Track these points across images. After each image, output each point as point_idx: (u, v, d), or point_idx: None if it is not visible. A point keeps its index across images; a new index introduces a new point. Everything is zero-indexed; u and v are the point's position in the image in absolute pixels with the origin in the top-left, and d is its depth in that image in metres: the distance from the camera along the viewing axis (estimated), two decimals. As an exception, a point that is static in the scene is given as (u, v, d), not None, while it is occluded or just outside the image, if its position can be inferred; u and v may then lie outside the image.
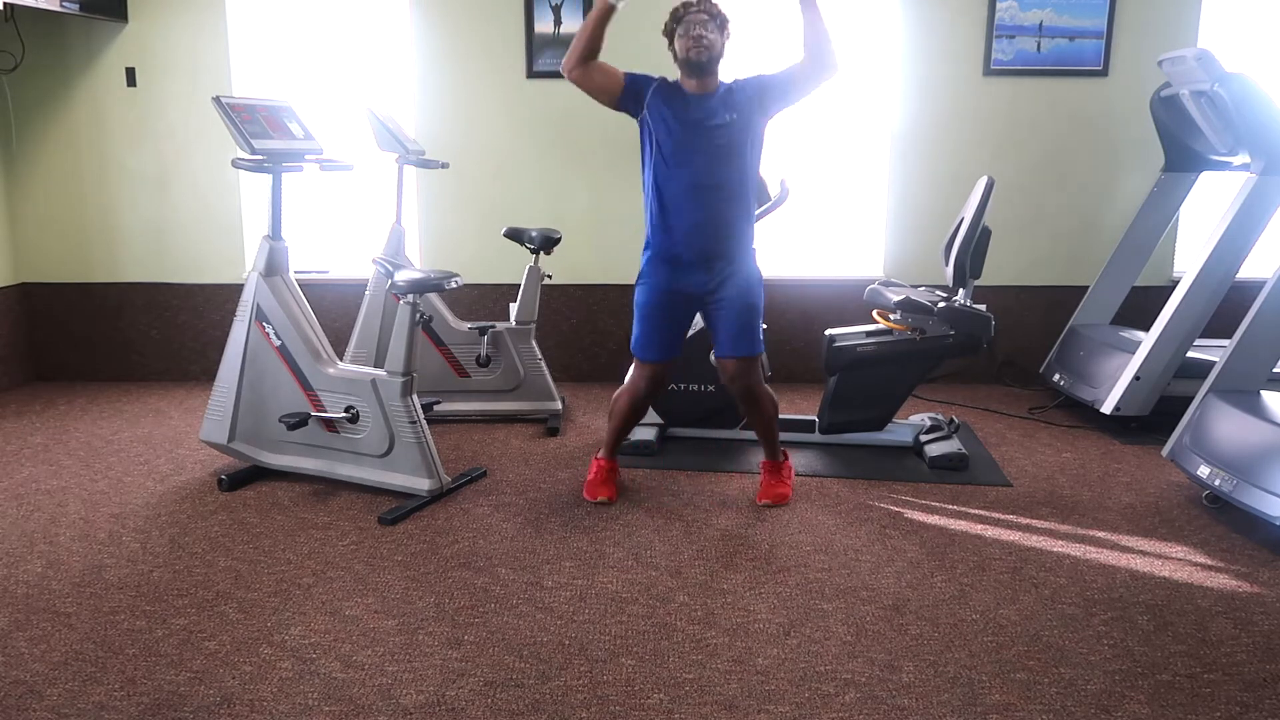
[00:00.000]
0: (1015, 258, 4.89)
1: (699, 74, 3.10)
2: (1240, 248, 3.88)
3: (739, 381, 3.26)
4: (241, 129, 3.34)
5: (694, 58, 3.06)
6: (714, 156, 3.10)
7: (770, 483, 3.40)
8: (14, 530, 3.14)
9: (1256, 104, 3.72)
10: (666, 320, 3.26)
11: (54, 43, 4.87)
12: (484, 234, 4.86)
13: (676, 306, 3.25)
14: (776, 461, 3.44)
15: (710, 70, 3.11)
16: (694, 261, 3.17)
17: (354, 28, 4.99)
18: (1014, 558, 2.94)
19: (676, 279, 3.20)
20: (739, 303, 3.19)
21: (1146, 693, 2.22)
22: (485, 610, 2.59)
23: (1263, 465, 3.02)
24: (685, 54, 3.07)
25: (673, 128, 3.10)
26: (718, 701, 2.18)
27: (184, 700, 2.17)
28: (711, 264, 3.18)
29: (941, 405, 4.62)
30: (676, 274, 3.20)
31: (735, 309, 3.19)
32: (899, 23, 4.77)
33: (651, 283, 3.24)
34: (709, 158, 3.10)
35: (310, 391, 3.48)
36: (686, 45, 3.06)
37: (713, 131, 3.09)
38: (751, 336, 3.22)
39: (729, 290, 3.18)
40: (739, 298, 3.19)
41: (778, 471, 3.43)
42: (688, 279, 3.19)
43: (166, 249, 5.08)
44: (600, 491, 3.38)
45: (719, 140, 3.09)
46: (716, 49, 3.08)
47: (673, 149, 3.10)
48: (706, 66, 3.09)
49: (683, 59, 3.09)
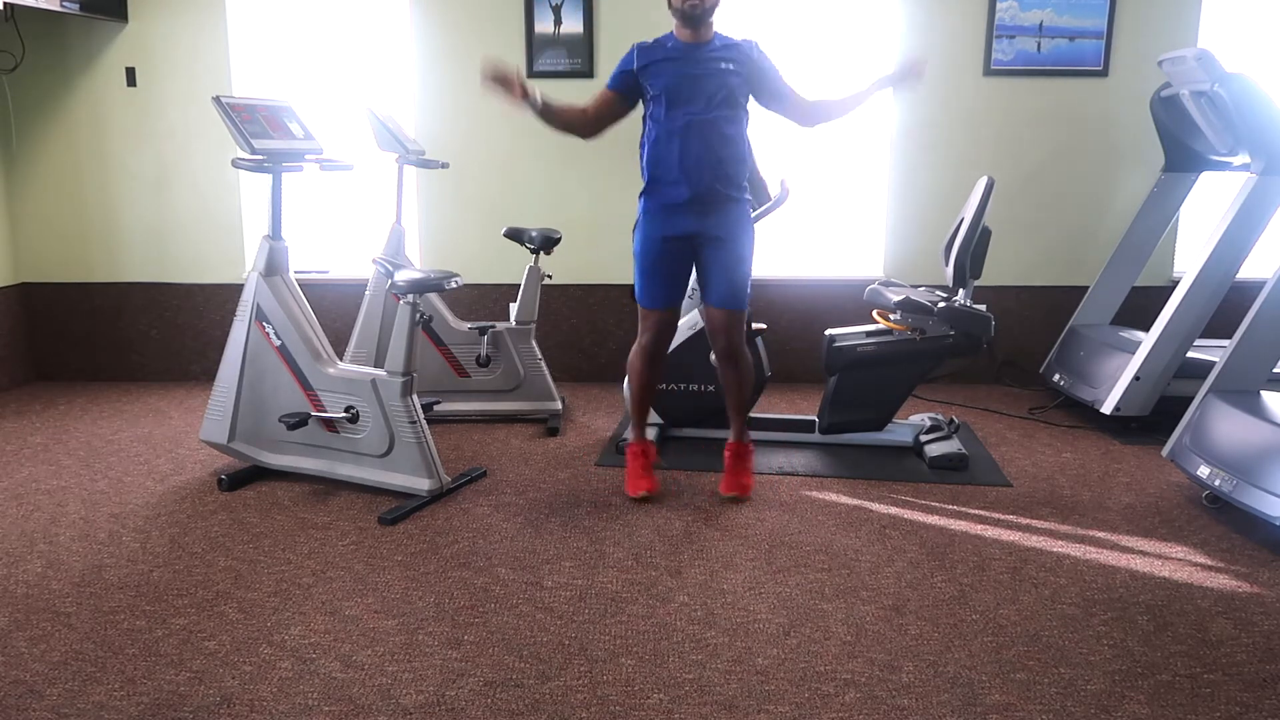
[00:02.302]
0: (1015, 258, 4.89)
1: (693, 25, 3.16)
2: (1240, 248, 3.88)
3: (724, 335, 3.30)
4: (241, 129, 3.34)
5: (689, 10, 3.12)
6: (706, 98, 3.15)
7: (735, 471, 3.40)
8: (14, 530, 3.14)
9: (1256, 104, 3.71)
10: (664, 266, 3.30)
11: (54, 43, 4.87)
12: (484, 234, 4.86)
13: (672, 253, 3.27)
14: (743, 444, 3.43)
15: (705, 21, 3.17)
16: (686, 202, 3.20)
17: (354, 28, 4.99)
18: (1014, 558, 2.94)
19: (670, 224, 3.24)
20: (731, 254, 3.24)
21: (1146, 693, 2.22)
22: (485, 610, 2.59)
23: (1263, 465, 3.02)
24: (681, 5, 3.13)
25: (665, 74, 3.17)
26: (718, 701, 2.18)
27: (184, 700, 2.17)
28: (704, 205, 3.21)
29: (941, 405, 4.62)
30: (670, 218, 3.24)
31: (726, 259, 3.24)
32: (899, 23, 4.77)
33: (646, 230, 3.29)
34: (701, 99, 3.15)
35: (310, 391, 3.48)
36: None
37: (706, 77, 3.16)
38: (740, 290, 3.28)
39: (721, 238, 3.23)
40: (731, 249, 3.24)
41: (743, 458, 3.42)
42: (681, 222, 3.23)
43: (166, 249, 5.08)
44: (641, 485, 3.38)
45: (712, 85, 3.15)
46: (711, 1, 3.14)
47: (664, 91, 3.17)
48: (701, 18, 3.15)
49: (678, 9, 3.15)
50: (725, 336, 3.30)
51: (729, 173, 3.21)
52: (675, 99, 3.16)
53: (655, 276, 3.30)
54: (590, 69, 4.78)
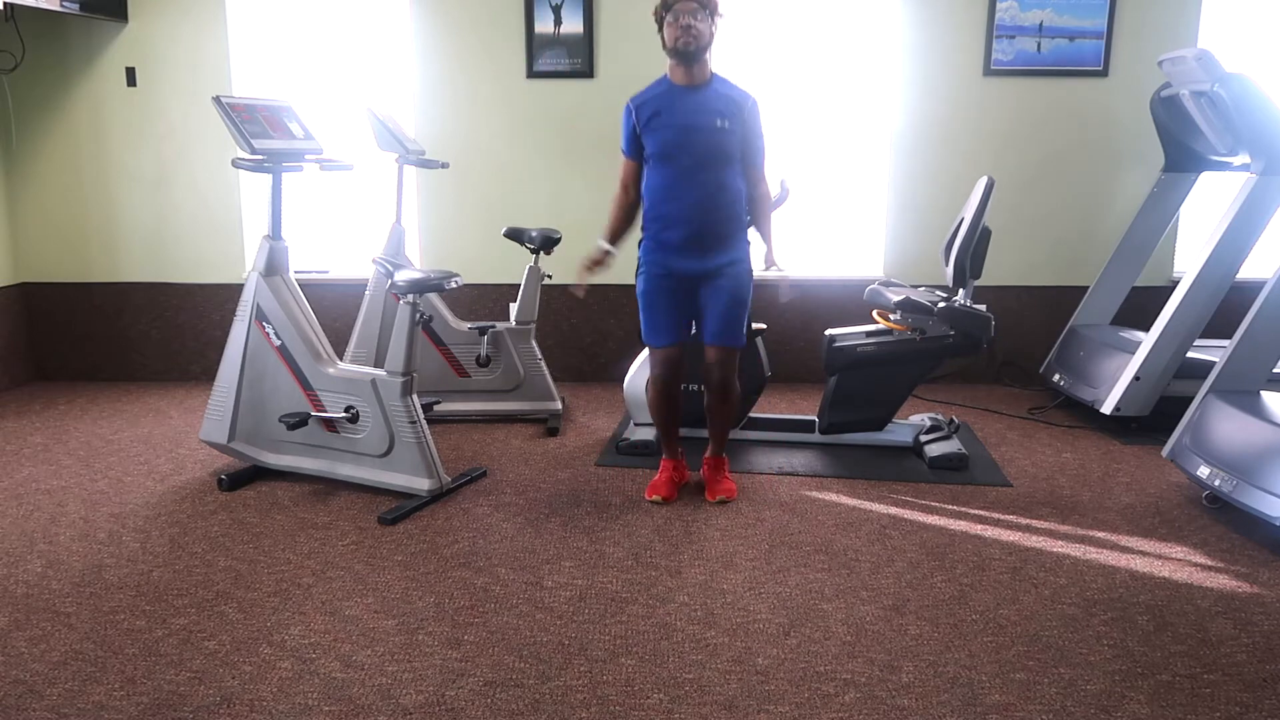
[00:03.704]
0: (1015, 258, 4.89)
1: (687, 62, 3.17)
2: (1240, 248, 3.88)
3: (718, 370, 3.34)
4: (241, 129, 3.34)
5: (682, 47, 3.12)
6: (704, 148, 3.18)
7: (717, 479, 3.47)
8: (14, 530, 3.14)
9: (1256, 104, 3.72)
10: (668, 304, 3.32)
11: (54, 43, 4.87)
12: (484, 234, 4.86)
13: (675, 290, 3.30)
14: (721, 458, 3.52)
15: (698, 59, 3.16)
16: (686, 246, 3.23)
17: (354, 28, 4.99)
18: (1014, 558, 2.94)
19: (671, 263, 3.27)
20: (729, 295, 3.27)
21: (1146, 693, 2.22)
22: (485, 610, 2.59)
23: (1263, 465, 3.02)
24: (674, 43, 3.13)
25: (661, 130, 3.18)
26: (718, 701, 2.18)
27: (184, 700, 2.17)
28: (704, 248, 3.24)
29: (941, 405, 4.62)
30: (671, 258, 3.27)
31: (725, 300, 3.27)
32: (899, 23, 4.77)
33: (649, 270, 3.32)
34: (699, 149, 3.17)
35: (310, 391, 3.48)
36: (675, 34, 3.12)
37: (700, 132, 3.16)
38: (736, 329, 3.32)
39: (721, 279, 3.26)
40: (730, 290, 3.27)
41: (720, 469, 3.51)
42: (682, 263, 3.26)
43: (166, 249, 5.08)
44: (659, 491, 3.43)
45: (707, 140, 3.17)
46: (705, 38, 3.13)
47: (660, 150, 3.19)
48: (695, 55, 3.14)
49: (671, 48, 3.15)
50: (719, 371, 3.34)
51: (727, 215, 3.25)
52: (670, 158, 3.18)
53: (659, 315, 3.33)
54: (590, 69, 4.78)
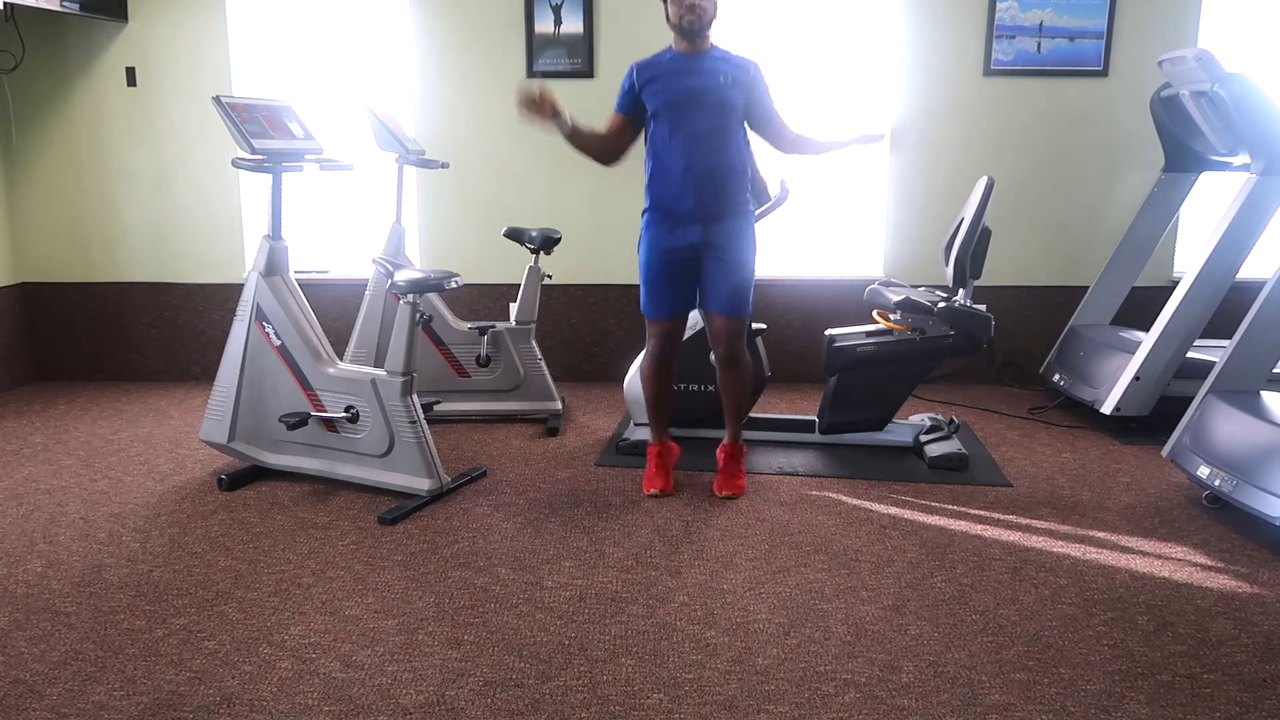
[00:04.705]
0: (1015, 258, 4.89)
1: (691, 38, 3.21)
2: (1240, 248, 3.88)
3: (724, 341, 3.34)
4: (241, 129, 3.34)
5: (686, 24, 3.17)
6: (706, 112, 3.20)
7: (728, 472, 3.45)
8: (14, 530, 3.14)
9: (1256, 104, 3.71)
10: (668, 278, 3.32)
11: (54, 43, 4.87)
12: (484, 234, 4.86)
13: (676, 264, 3.30)
14: (737, 445, 3.49)
15: (702, 34, 3.21)
16: (689, 213, 3.24)
17: (354, 28, 4.99)
18: (1014, 558, 2.94)
19: (674, 235, 3.28)
20: (733, 261, 3.27)
21: (1146, 693, 2.22)
22: (485, 610, 2.59)
23: (1263, 465, 3.02)
24: (679, 20, 3.18)
25: (665, 89, 3.21)
26: (718, 701, 2.18)
27: (184, 700, 2.17)
28: (706, 215, 3.25)
29: (941, 405, 4.62)
30: (673, 230, 3.27)
31: (729, 266, 3.27)
32: (899, 23, 4.77)
33: (650, 242, 3.32)
34: (701, 113, 3.20)
35: (310, 391, 3.48)
36: (680, 11, 3.17)
37: (705, 90, 3.20)
38: (743, 297, 3.32)
39: (724, 246, 3.27)
40: (734, 256, 3.28)
41: (736, 459, 3.48)
42: (684, 234, 3.26)
43: (166, 249, 5.08)
44: (654, 483, 3.43)
45: (711, 99, 3.20)
46: (709, 14, 3.18)
47: (664, 107, 3.21)
48: (699, 32, 3.19)
49: (675, 24, 3.19)
50: (726, 342, 3.34)
51: (731, 183, 3.26)
52: (675, 114, 3.20)
53: (659, 287, 3.33)
54: (590, 69, 4.77)
